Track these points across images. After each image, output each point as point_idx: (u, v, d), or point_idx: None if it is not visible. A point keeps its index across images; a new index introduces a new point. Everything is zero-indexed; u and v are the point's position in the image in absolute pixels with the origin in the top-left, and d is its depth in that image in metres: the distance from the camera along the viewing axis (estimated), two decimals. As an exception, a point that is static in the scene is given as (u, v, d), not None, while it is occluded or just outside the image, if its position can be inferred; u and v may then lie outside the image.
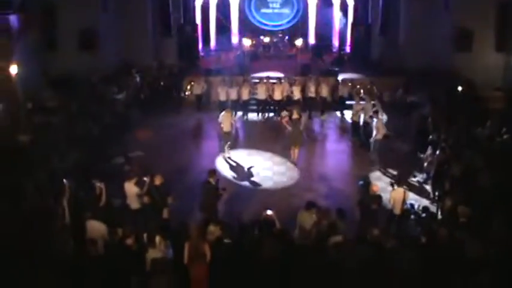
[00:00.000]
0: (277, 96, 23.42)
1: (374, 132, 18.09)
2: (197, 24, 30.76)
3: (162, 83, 25.61)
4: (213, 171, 13.90)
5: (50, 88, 21.25)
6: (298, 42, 32.23)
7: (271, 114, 23.90)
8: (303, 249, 11.01)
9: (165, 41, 29.54)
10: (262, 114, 24.08)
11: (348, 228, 11.97)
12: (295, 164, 18.29)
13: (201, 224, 11.35)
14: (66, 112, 19.03)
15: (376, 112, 18.53)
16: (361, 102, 20.60)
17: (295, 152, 18.37)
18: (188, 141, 20.39)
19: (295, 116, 18.36)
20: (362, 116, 19.91)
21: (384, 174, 17.51)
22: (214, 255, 10.39)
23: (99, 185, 13.30)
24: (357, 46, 30.84)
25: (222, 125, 18.74)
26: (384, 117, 18.69)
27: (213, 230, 11.20)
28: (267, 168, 18.07)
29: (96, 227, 11.33)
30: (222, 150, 18.98)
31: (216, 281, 10.42)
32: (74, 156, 16.33)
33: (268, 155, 19.21)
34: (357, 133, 20.38)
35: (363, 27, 30.75)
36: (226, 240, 10.81)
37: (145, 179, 13.45)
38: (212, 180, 13.46)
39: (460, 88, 22.24)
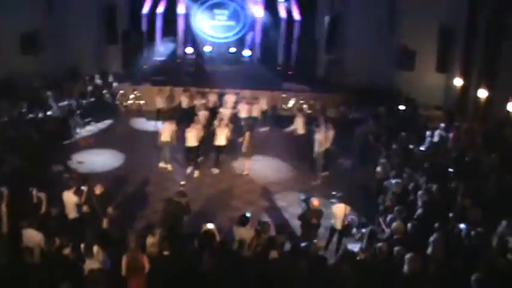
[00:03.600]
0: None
1: (316, 146, 18.24)
2: (143, 32, 30.39)
3: (104, 91, 25.21)
4: (182, 193, 13.41)
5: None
6: (246, 53, 32.24)
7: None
8: (242, 262, 10.99)
9: (110, 48, 29.09)
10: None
11: (288, 242, 12.05)
12: (246, 175, 18.48)
13: (139, 236, 11.22)
14: (6, 117, 18.53)
15: (317, 126, 18.67)
16: (303, 117, 20.65)
17: (246, 164, 18.61)
18: (129, 151, 20.08)
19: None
20: (303, 130, 20.03)
21: (326, 188, 17.60)
22: (153, 267, 10.28)
23: (36, 193, 12.97)
24: (302, 61, 30.97)
25: (161, 135, 18.45)
26: (330, 132, 18.68)
27: (152, 241, 11.11)
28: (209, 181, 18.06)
29: (32, 236, 11.08)
30: (161, 160, 18.63)
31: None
32: (12, 162, 15.95)
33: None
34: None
35: (309, 43, 30.90)
36: (165, 253, 10.70)
37: (84, 188, 13.23)
38: (182, 201, 13.11)
39: (401, 106, 22.62)
